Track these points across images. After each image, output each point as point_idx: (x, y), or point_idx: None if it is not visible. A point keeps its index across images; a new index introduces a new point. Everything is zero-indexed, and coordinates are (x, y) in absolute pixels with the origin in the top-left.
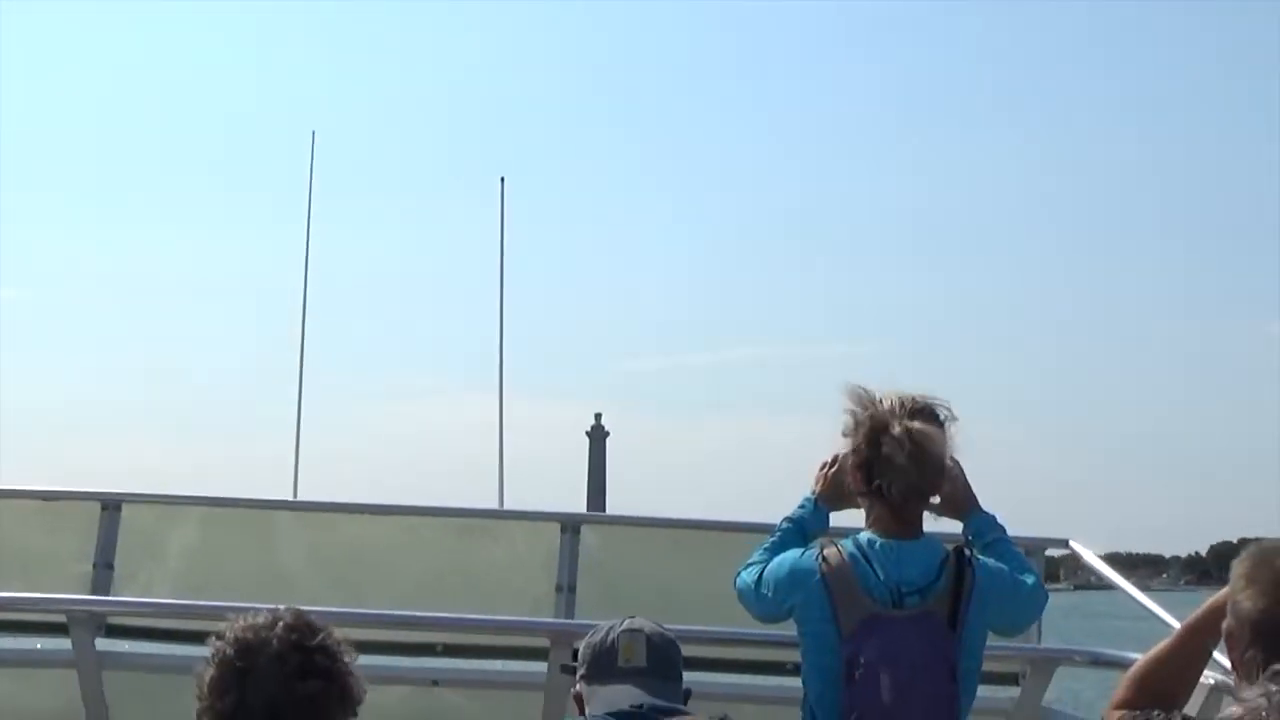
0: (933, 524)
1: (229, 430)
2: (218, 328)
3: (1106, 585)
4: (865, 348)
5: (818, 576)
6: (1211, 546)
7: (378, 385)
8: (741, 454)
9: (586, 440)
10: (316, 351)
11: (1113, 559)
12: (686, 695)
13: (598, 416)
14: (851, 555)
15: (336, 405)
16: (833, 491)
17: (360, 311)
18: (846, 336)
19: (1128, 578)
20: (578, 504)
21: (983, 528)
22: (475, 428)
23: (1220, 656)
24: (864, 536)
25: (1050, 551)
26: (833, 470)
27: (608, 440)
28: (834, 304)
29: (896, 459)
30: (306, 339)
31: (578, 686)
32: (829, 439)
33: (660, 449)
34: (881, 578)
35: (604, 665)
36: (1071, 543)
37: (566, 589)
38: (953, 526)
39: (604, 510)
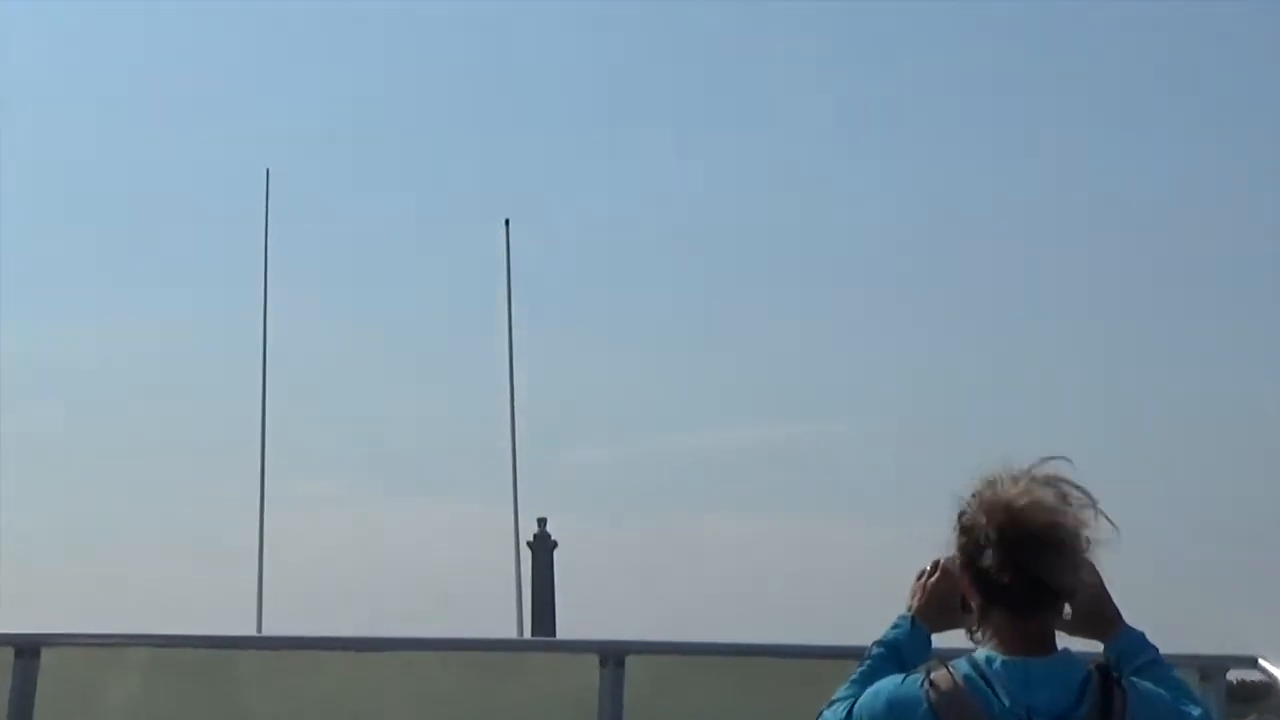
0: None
1: (172, 546)
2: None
3: None
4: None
5: (925, 706)
6: None
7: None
8: (719, 559)
9: (529, 553)
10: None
11: None
12: None
13: (541, 523)
14: (967, 678)
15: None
16: (935, 606)
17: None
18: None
19: None
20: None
21: (1130, 648)
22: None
23: None
24: (981, 655)
25: (1233, 673)
26: (934, 580)
27: (555, 551)
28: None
29: (1013, 550)
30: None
31: None
32: (873, 539)
33: (624, 558)
34: (1007, 704)
35: None
36: (1261, 661)
37: None
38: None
39: (554, 634)
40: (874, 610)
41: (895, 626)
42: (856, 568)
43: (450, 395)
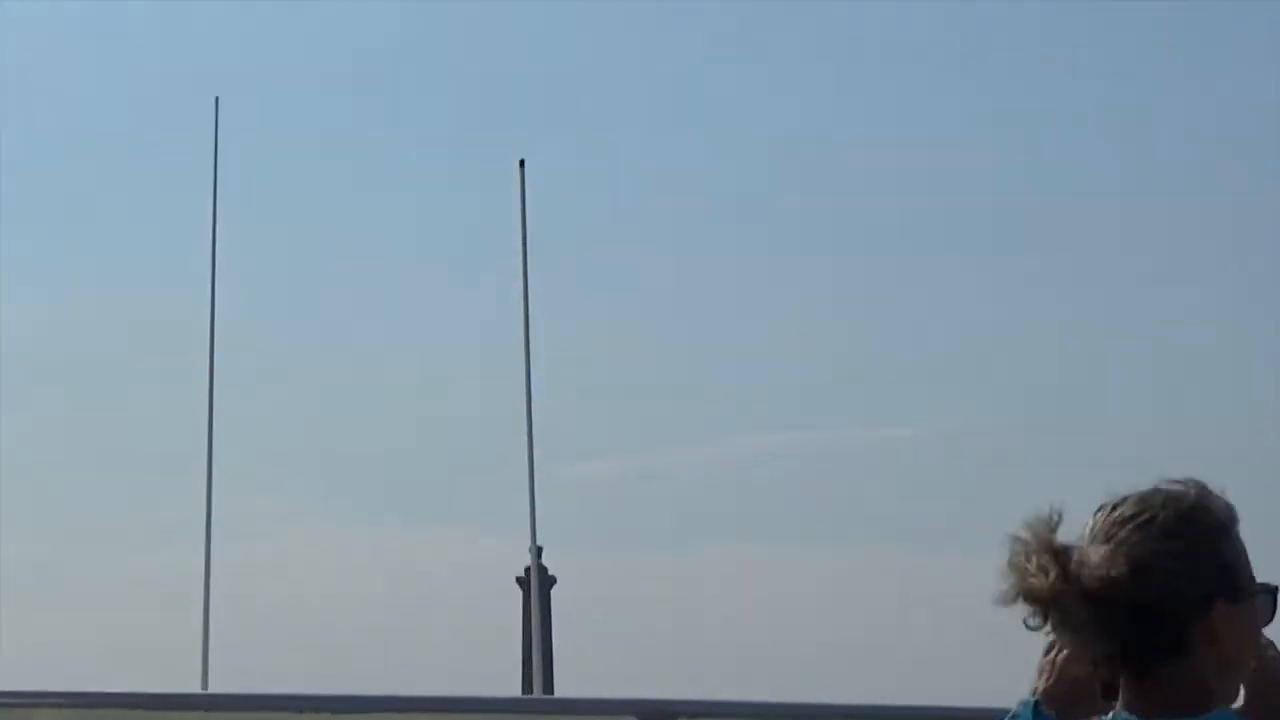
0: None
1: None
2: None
3: None
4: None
5: None
6: None
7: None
8: (753, 599)
9: (518, 591)
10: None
11: None
12: None
13: (536, 554)
14: None
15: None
16: (1065, 690)
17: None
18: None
19: None
20: (508, 683)
21: None
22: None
23: None
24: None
25: None
26: (1063, 656)
27: (554, 590)
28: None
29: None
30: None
31: None
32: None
33: (638, 595)
34: None
35: None
36: None
37: None
38: None
39: (552, 692)
40: (952, 660)
41: (1015, 717)
42: (931, 607)
43: (436, 391)
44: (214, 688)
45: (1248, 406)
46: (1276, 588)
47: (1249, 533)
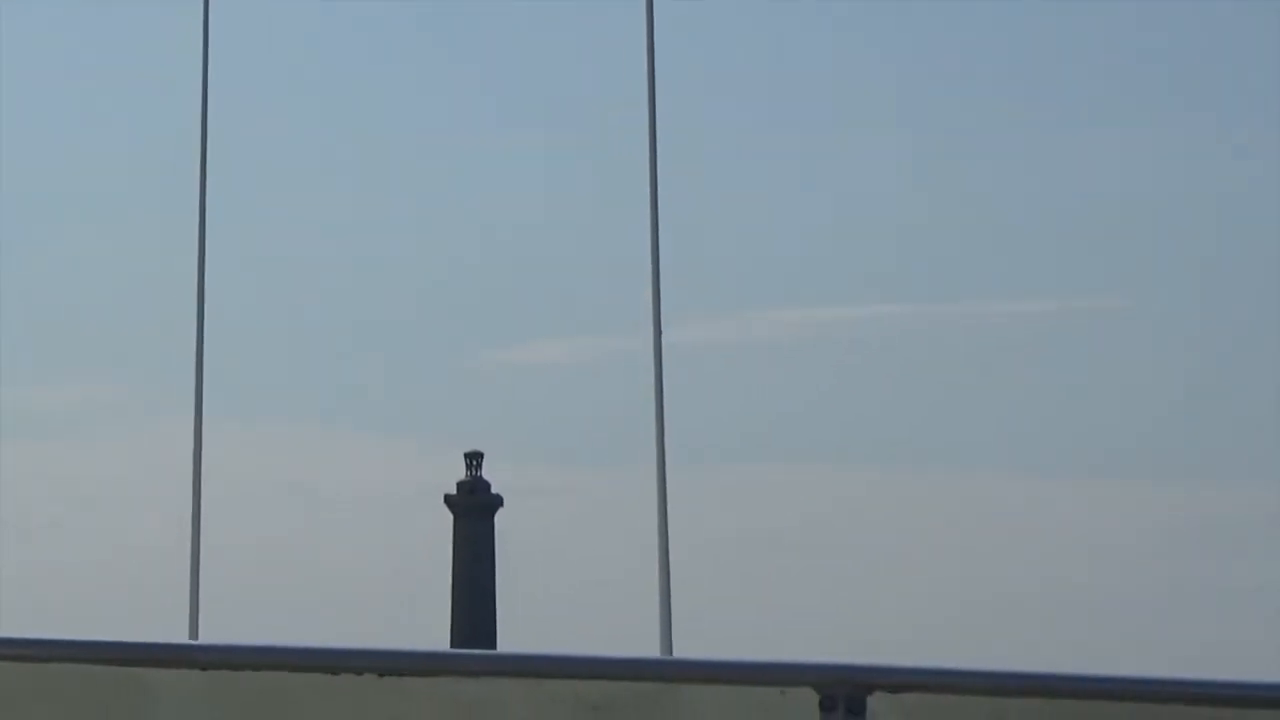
0: None
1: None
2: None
3: None
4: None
5: None
6: None
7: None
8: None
9: (447, 514)
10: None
11: None
12: None
13: (471, 462)
14: None
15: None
16: None
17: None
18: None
19: None
20: (437, 633)
21: None
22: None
23: None
24: None
25: None
26: None
27: (498, 514)
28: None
29: None
30: None
31: None
32: None
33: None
34: None
35: None
36: None
37: None
38: None
39: (493, 646)
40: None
41: None
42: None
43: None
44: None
45: None
46: None
47: None
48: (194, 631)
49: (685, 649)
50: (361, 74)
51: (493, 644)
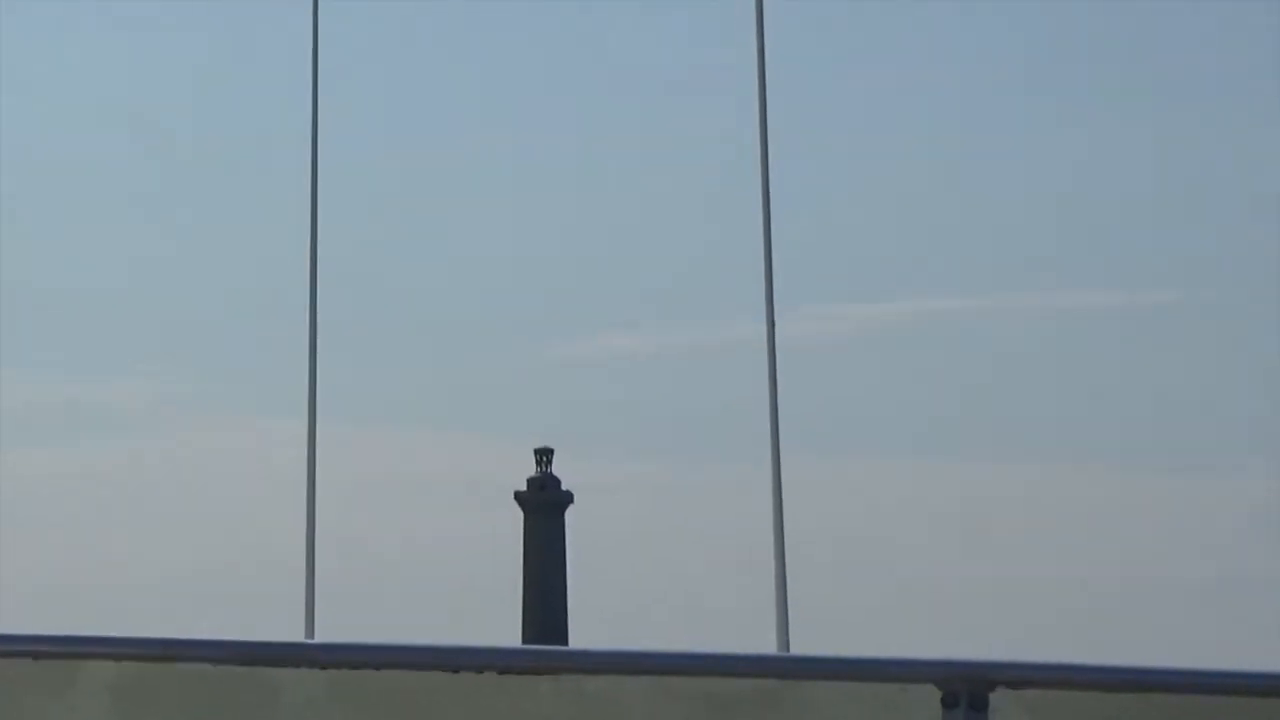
0: None
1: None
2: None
3: None
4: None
5: None
6: None
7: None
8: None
9: (518, 511)
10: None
11: None
12: None
13: (542, 459)
14: None
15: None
16: None
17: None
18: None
19: None
20: (511, 633)
21: None
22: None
23: None
24: None
25: None
26: None
27: (568, 511)
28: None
29: None
30: None
31: None
32: None
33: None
34: None
35: None
36: None
37: None
38: None
39: (564, 644)
40: None
41: None
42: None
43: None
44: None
45: None
46: None
47: None
48: (310, 630)
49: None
50: (447, 69)
51: (564, 642)
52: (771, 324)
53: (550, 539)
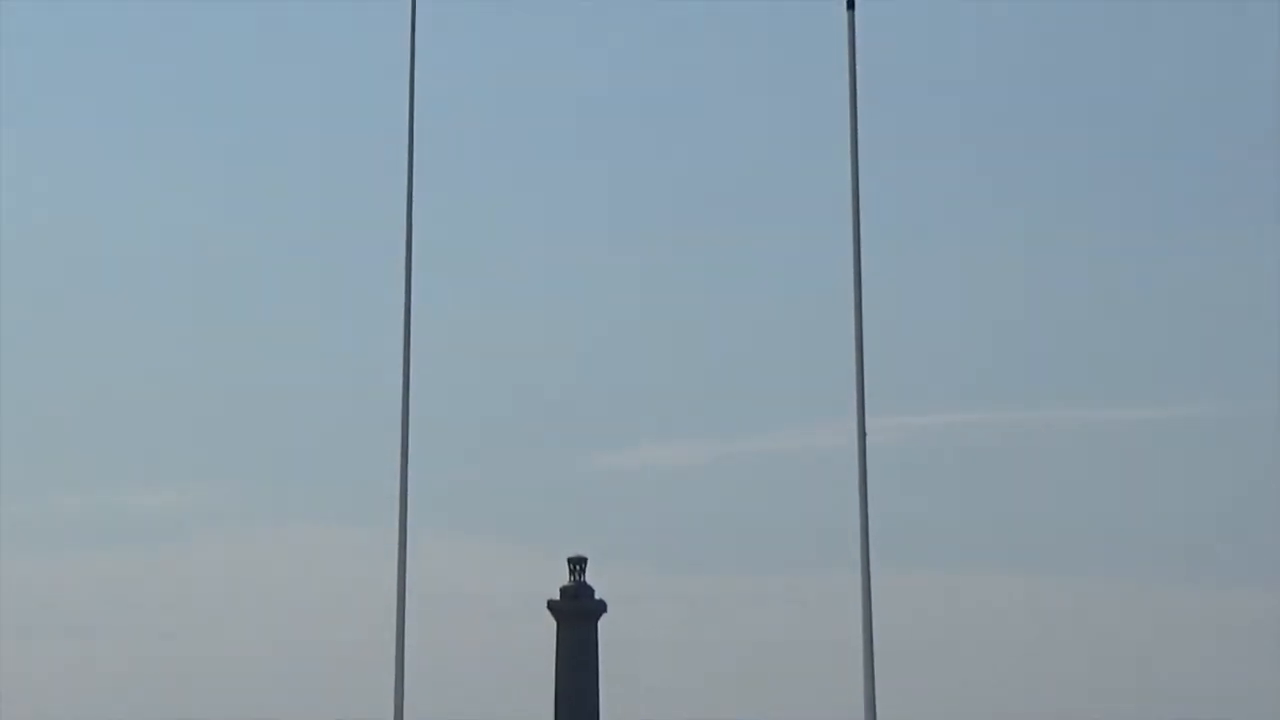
0: None
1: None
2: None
3: None
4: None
5: None
6: None
7: None
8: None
9: (550, 620)
10: None
11: None
12: None
13: (575, 568)
14: None
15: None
16: None
17: None
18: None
19: None
20: None
21: None
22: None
23: None
24: None
25: None
26: None
27: (601, 621)
28: None
29: None
30: None
31: None
32: None
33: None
34: None
35: None
36: None
37: None
38: None
39: None
40: None
41: None
42: None
43: None
44: None
45: None
46: None
47: None
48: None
49: None
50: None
51: None
52: (863, 434)
53: (582, 648)
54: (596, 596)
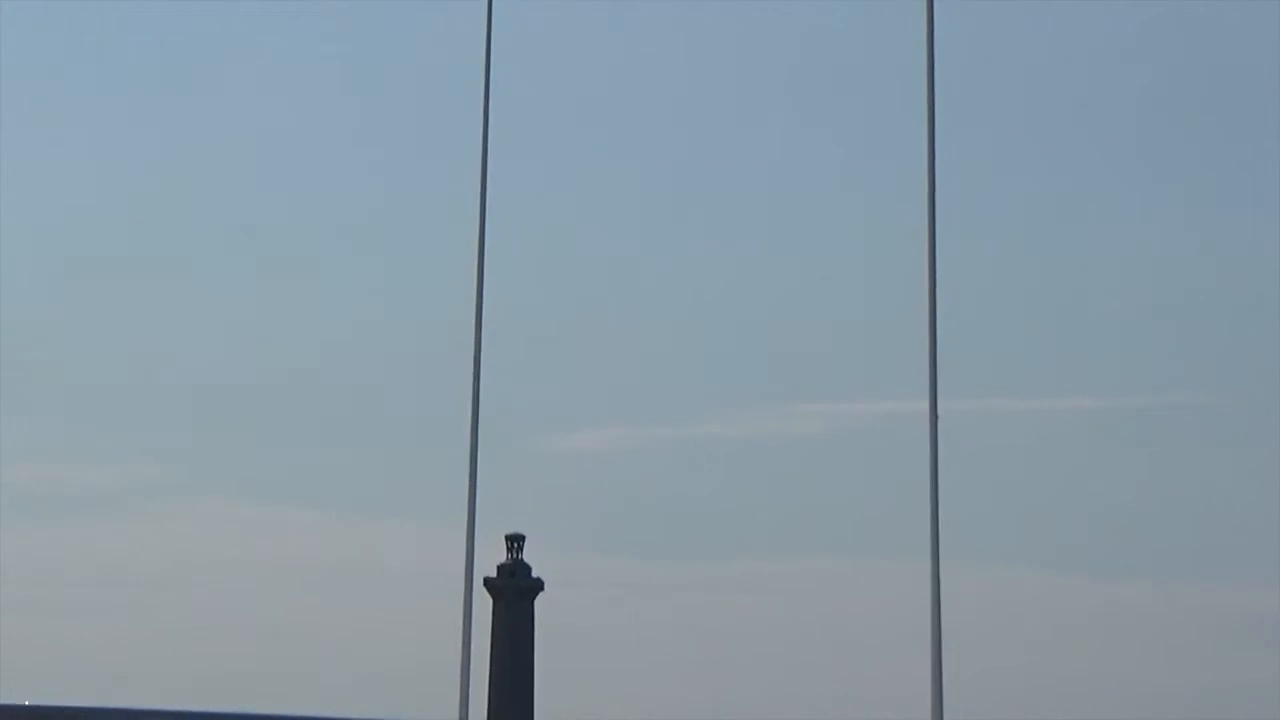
0: None
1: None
2: None
3: None
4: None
5: None
6: None
7: None
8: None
9: (486, 598)
10: None
11: None
12: None
13: (512, 545)
14: None
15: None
16: None
17: None
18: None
19: None
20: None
21: None
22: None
23: None
24: None
25: None
26: None
27: (537, 599)
28: None
29: None
30: None
31: None
32: None
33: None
34: None
35: None
36: None
37: None
38: None
39: None
40: None
41: None
42: None
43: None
44: None
45: None
46: None
47: None
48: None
49: None
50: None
51: None
52: (935, 418)
53: (518, 625)
54: (533, 575)
